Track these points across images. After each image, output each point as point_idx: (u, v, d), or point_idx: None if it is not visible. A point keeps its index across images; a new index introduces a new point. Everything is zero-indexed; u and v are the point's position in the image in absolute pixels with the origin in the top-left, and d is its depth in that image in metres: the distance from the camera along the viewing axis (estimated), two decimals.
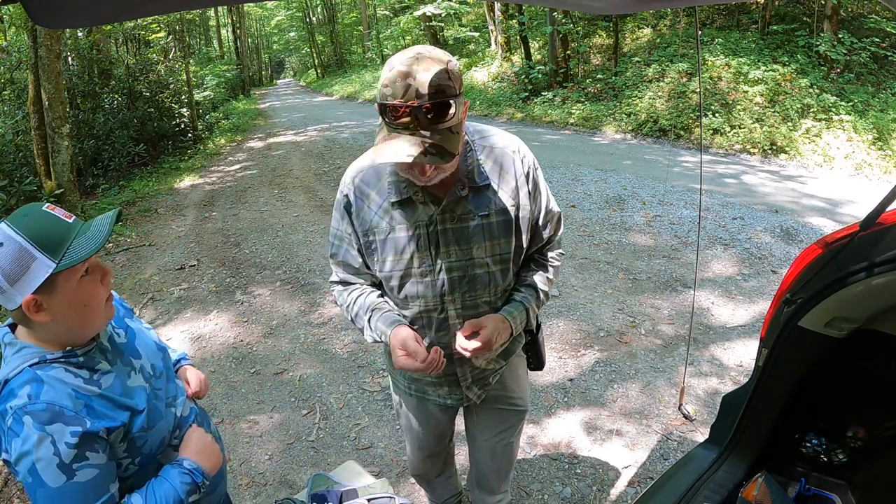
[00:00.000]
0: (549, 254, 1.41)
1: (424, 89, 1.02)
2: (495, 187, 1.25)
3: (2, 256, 0.90)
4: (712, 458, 1.62)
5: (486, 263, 1.27)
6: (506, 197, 1.26)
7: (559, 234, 1.42)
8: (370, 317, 1.31)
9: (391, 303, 1.35)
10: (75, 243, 0.95)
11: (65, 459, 0.92)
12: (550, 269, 1.41)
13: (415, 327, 1.30)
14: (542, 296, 1.37)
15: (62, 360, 0.98)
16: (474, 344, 1.21)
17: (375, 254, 1.29)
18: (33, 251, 0.91)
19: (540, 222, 1.35)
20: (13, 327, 1.03)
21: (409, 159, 1.03)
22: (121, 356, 1.08)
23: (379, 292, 1.37)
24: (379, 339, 1.31)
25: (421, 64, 1.03)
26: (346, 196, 1.29)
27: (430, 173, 1.13)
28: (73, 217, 0.99)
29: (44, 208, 0.96)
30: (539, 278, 1.37)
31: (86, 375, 0.99)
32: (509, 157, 1.27)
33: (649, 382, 2.90)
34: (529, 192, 1.29)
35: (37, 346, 0.98)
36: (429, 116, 1.03)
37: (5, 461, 0.95)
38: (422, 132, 1.04)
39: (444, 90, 1.04)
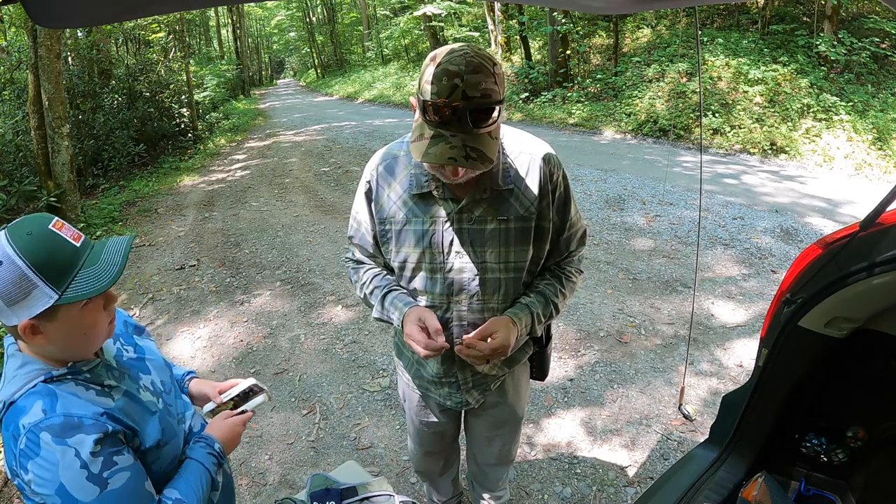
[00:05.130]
0: (567, 268, 1.36)
1: (472, 92, 1.00)
2: (518, 193, 1.23)
3: (2, 275, 0.83)
4: (712, 458, 1.62)
5: (499, 269, 1.25)
6: (527, 204, 1.23)
7: (581, 250, 1.38)
8: (385, 295, 1.31)
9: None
10: (82, 274, 0.88)
11: (93, 470, 0.86)
12: (566, 283, 1.34)
13: None
14: (551, 306, 1.30)
15: (69, 376, 0.93)
16: (486, 347, 1.18)
17: (390, 243, 1.30)
18: (34, 278, 0.84)
19: (562, 235, 1.32)
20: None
21: (452, 163, 1.03)
22: (128, 373, 1.04)
23: (393, 276, 1.37)
24: (387, 318, 1.30)
25: (470, 65, 1.01)
26: (369, 182, 1.31)
27: (461, 174, 1.12)
28: (82, 238, 0.92)
29: (50, 226, 0.88)
30: (551, 289, 1.31)
31: (97, 389, 0.95)
32: (537, 164, 1.24)
33: (649, 382, 2.90)
34: (553, 203, 1.26)
35: (40, 361, 0.93)
36: (471, 119, 1.02)
37: (19, 486, 0.89)
38: (462, 134, 1.03)
39: (489, 94, 1.02)
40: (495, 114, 1.05)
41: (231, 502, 1.25)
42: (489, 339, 1.19)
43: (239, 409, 1.26)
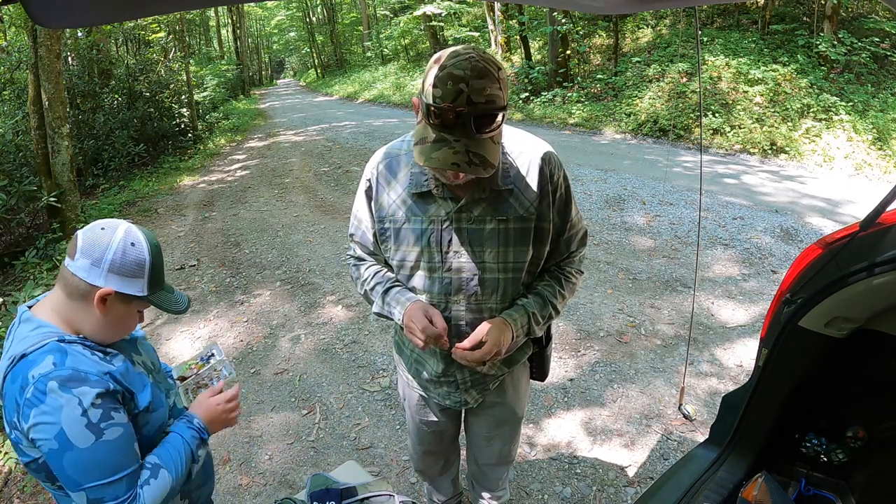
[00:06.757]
0: (568, 268, 1.36)
1: (476, 97, 1.00)
2: (518, 193, 1.23)
3: (130, 253, 1.03)
4: (712, 458, 1.62)
5: (497, 269, 1.25)
6: (527, 204, 1.23)
7: (582, 251, 1.38)
8: (387, 290, 1.32)
9: None
10: (162, 294, 1.11)
11: (92, 419, 0.95)
12: (566, 284, 1.34)
13: None
14: (549, 308, 1.31)
15: (78, 342, 1.03)
16: (477, 355, 1.19)
17: (389, 241, 1.30)
18: (146, 272, 1.05)
19: (563, 236, 1.32)
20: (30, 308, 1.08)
21: (455, 168, 1.03)
22: (123, 350, 1.13)
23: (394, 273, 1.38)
24: (387, 314, 1.31)
25: (475, 70, 1.00)
26: (369, 181, 1.31)
27: (462, 176, 1.12)
28: None
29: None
30: (550, 290, 1.32)
31: (101, 356, 1.05)
32: (537, 164, 1.24)
33: (649, 382, 2.90)
34: (553, 204, 1.26)
35: (55, 325, 1.03)
36: (475, 125, 1.02)
37: (15, 440, 0.97)
38: (465, 139, 1.04)
39: (494, 100, 1.02)
40: (499, 119, 1.05)
41: (210, 478, 1.33)
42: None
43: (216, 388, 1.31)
